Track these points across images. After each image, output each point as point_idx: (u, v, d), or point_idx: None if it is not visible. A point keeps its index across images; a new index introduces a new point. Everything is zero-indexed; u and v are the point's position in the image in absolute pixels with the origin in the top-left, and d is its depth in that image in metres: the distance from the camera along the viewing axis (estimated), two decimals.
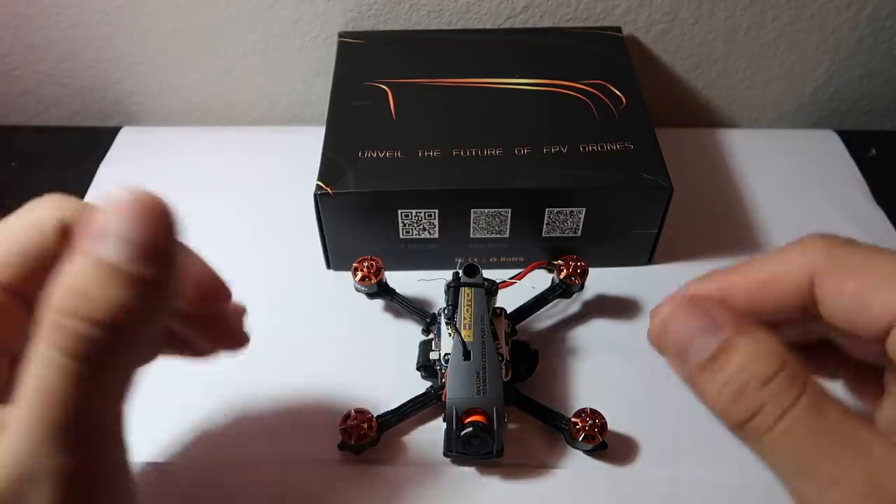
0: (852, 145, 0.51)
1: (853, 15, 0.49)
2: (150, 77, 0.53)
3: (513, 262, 0.43)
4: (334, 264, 0.43)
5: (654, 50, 0.51)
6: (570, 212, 0.40)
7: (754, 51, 0.51)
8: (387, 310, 0.41)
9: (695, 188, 0.47)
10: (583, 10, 0.49)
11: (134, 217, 0.19)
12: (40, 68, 0.52)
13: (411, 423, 0.35)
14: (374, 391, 0.36)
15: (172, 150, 0.51)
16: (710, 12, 0.49)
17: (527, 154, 0.40)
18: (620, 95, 0.44)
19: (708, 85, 0.54)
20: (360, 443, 0.33)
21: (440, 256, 0.41)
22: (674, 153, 0.42)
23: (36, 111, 0.55)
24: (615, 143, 0.41)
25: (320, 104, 0.54)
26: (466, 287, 0.36)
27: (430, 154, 0.40)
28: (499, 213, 0.40)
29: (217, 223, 0.46)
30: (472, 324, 0.35)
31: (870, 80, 0.53)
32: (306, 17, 0.49)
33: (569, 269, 0.39)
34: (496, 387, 0.33)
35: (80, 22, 0.49)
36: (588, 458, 0.35)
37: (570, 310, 0.41)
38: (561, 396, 0.37)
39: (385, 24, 0.50)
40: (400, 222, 0.40)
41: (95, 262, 0.18)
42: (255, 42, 0.51)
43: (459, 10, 0.49)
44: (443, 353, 0.35)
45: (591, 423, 0.34)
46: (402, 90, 0.44)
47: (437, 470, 0.34)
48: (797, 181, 0.49)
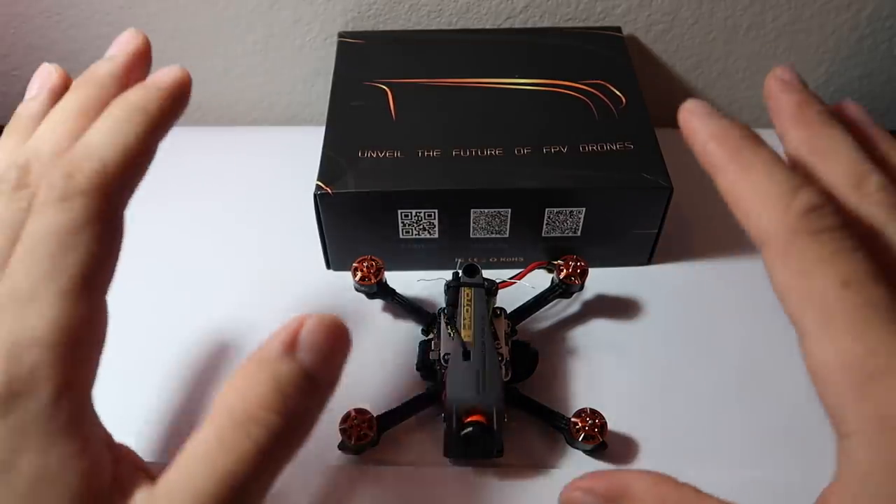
0: None
1: (853, 15, 0.49)
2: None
3: (513, 262, 0.43)
4: (334, 264, 0.43)
5: (654, 50, 0.51)
6: (570, 212, 0.40)
7: (754, 51, 0.51)
8: (387, 310, 0.41)
9: (695, 188, 0.47)
10: (583, 10, 0.49)
11: (327, 336, 0.21)
12: None
13: (411, 423, 0.35)
14: (374, 391, 0.36)
15: (172, 149, 0.50)
16: (710, 12, 0.49)
17: (527, 154, 0.40)
18: (620, 95, 0.44)
19: (708, 85, 0.54)
20: (360, 443, 0.33)
21: (440, 256, 0.41)
22: (674, 153, 0.42)
23: None
24: (615, 143, 0.41)
25: (320, 104, 0.54)
26: (466, 287, 0.36)
27: (430, 154, 0.40)
28: (499, 213, 0.40)
29: (217, 223, 0.46)
30: (472, 324, 0.35)
31: (870, 80, 0.53)
32: (306, 17, 0.49)
33: (569, 269, 0.39)
34: (496, 387, 0.33)
35: (80, 22, 0.49)
36: (588, 458, 0.35)
37: (570, 310, 0.41)
38: (561, 396, 0.37)
39: (385, 24, 0.50)
40: (400, 222, 0.40)
41: (299, 370, 0.21)
42: (255, 42, 0.51)
43: (459, 10, 0.49)
44: (443, 354, 0.35)
45: (591, 423, 0.34)
46: (402, 90, 0.44)
47: (437, 470, 0.34)
48: None
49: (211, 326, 0.40)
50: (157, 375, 0.38)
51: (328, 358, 0.21)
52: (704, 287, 0.42)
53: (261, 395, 0.20)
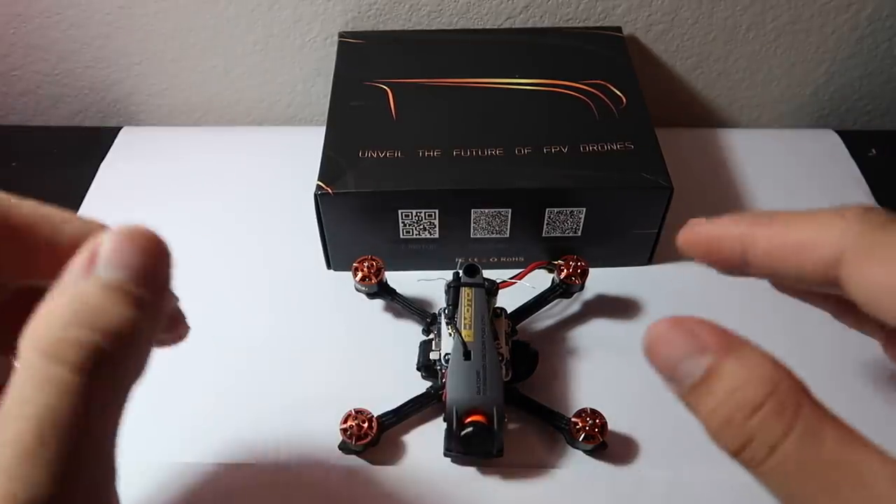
0: (852, 145, 0.51)
1: (853, 15, 0.49)
2: (150, 77, 0.53)
3: (513, 262, 0.43)
4: (334, 264, 0.43)
5: (654, 50, 0.51)
6: (570, 212, 0.40)
7: (754, 51, 0.51)
8: (387, 310, 0.41)
9: (695, 188, 0.47)
10: (583, 10, 0.49)
11: (132, 247, 0.20)
12: (40, 68, 0.52)
13: (411, 423, 0.36)
14: (374, 391, 0.36)
15: (172, 150, 0.51)
16: (710, 12, 0.49)
17: (527, 154, 0.40)
18: (620, 95, 0.44)
19: (708, 85, 0.54)
20: (360, 443, 0.33)
21: (440, 256, 0.41)
22: (674, 153, 0.42)
23: (36, 111, 0.55)
24: (615, 143, 0.41)
25: (320, 104, 0.54)
26: (466, 287, 0.36)
27: (430, 154, 0.40)
28: (499, 213, 0.40)
29: (217, 223, 0.46)
30: (473, 324, 0.35)
31: (870, 80, 0.53)
32: (306, 17, 0.49)
33: (569, 269, 0.39)
34: (496, 387, 0.33)
35: (80, 22, 0.49)
36: (588, 458, 0.35)
37: (570, 310, 0.41)
38: (561, 396, 0.37)
39: (385, 24, 0.50)
40: (400, 222, 0.40)
41: (102, 283, 0.19)
42: (255, 42, 0.51)
43: (459, 10, 0.49)
44: (443, 353, 0.35)
45: (591, 423, 0.34)
46: (402, 90, 0.44)
47: (437, 470, 0.34)
48: (797, 181, 0.49)
49: (211, 326, 0.40)
50: (155, 375, 0.38)
51: (136, 267, 0.19)
52: (704, 287, 0.42)
53: (66, 318, 0.18)
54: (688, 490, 0.33)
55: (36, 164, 0.51)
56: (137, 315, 0.19)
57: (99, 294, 0.19)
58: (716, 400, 0.18)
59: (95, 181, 0.48)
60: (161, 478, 0.34)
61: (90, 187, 0.48)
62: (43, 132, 0.55)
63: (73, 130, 0.55)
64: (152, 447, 0.35)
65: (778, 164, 0.50)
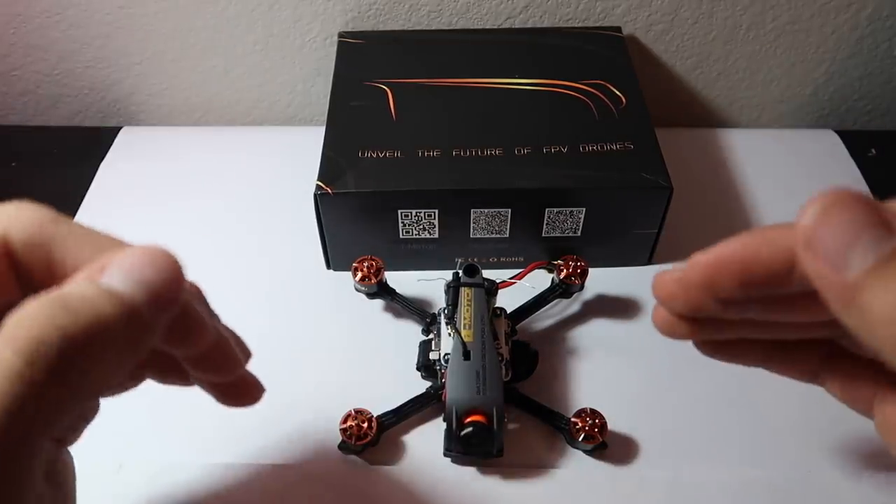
0: (852, 145, 0.51)
1: (853, 15, 0.49)
2: (150, 77, 0.53)
3: (513, 262, 0.43)
4: (334, 264, 0.43)
5: (654, 50, 0.51)
6: (570, 212, 0.40)
7: (754, 51, 0.51)
8: (387, 310, 0.41)
9: (695, 188, 0.47)
10: (583, 10, 0.49)
11: (143, 261, 0.19)
12: (40, 68, 0.52)
13: (411, 423, 0.36)
14: (374, 391, 0.36)
15: (172, 150, 0.51)
16: (710, 12, 0.49)
17: (527, 154, 0.40)
18: (620, 95, 0.44)
19: (708, 85, 0.54)
20: (360, 443, 0.33)
21: (440, 256, 0.41)
22: (674, 153, 0.42)
23: (36, 111, 0.55)
24: (615, 143, 0.41)
25: (320, 104, 0.54)
26: (466, 287, 0.36)
27: (430, 154, 0.40)
28: (499, 213, 0.40)
29: (217, 223, 0.46)
30: (472, 324, 0.35)
31: (870, 80, 0.53)
32: (306, 17, 0.49)
33: (569, 269, 0.39)
34: (496, 387, 0.33)
35: (80, 22, 0.49)
36: (588, 458, 0.35)
37: (570, 310, 0.41)
38: (561, 396, 0.37)
39: (385, 24, 0.50)
40: (400, 222, 0.40)
41: (92, 284, 0.19)
42: (255, 42, 0.51)
43: (459, 10, 0.49)
44: (443, 353, 0.35)
45: (591, 423, 0.34)
46: (402, 90, 0.44)
47: (437, 470, 0.34)
48: (797, 181, 0.49)
49: None
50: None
51: (127, 269, 0.19)
52: None
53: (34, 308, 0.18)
54: (688, 490, 0.33)
55: (36, 164, 0.51)
56: (116, 318, 0.18)
57: (80, 288, 0.18)
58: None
59: (95, 181, 0.48)
60: (161, 477, 0.34)
61: (90, 187, 0.48)
62: (43, 132, 0.55)
63: (72, 130, 0.55)
64: (152, 447, 0.35)
65: (778, 164, 0.50)
